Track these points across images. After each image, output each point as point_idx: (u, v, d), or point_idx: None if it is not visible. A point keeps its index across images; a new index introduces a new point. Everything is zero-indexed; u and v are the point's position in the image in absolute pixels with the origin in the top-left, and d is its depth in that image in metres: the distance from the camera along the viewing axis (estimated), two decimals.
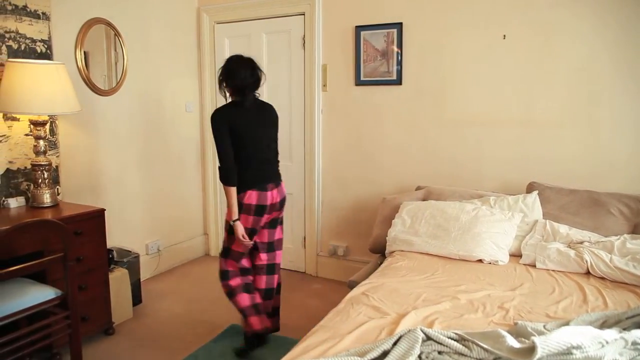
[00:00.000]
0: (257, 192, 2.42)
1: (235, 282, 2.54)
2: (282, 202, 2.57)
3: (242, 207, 2.43)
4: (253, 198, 2.41)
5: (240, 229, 2.42)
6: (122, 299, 2.93)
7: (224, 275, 2.55)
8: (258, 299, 2.57)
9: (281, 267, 2.74)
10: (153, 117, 3.63)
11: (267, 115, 2.57)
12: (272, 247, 2.61)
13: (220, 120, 2.39)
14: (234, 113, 2.42)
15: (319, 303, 3.23)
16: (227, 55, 3.94)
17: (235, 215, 2.43)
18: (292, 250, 3.90)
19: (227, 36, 3.94)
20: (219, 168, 2.41)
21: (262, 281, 2.60)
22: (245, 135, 2.41)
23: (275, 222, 2.60)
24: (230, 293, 2.54)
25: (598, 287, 2.10)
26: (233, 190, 2.40)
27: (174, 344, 2.70)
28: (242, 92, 2.41)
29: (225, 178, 2.39)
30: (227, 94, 2.47)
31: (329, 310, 1.90)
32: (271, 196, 2.46)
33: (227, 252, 2.55)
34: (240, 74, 2.38)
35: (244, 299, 2.52)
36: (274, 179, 2.52)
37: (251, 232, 2.47)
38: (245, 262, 2.57)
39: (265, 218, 2.49)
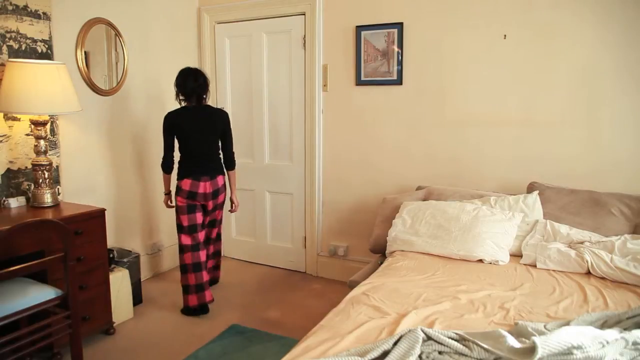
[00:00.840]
0: (191, 181, 2.97)
1: (187, 258, 3.03)
2: (215, 192, 3.06)
3: (180, 190, 3.00)
4: (187, 185, 2.97)
5: (164, 200, 3.23)
6: (122, 299, 2.93)
7: (180, 249, 3.06)
8: (205, 277, 3.05)
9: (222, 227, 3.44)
10: (153, 117, 3.62)
11: (211, 120, 3.01)
12: (213, 224, 3.24)
13: (167, 121, 2.98)
14: (180, 116, 2.96)
15: (319, 303, 3.23)
16: (227, 55, 4.01)
17: (166, 190, 3.19)
18: (293, 250, 3.90)
19: (228, 36, 3.94)
20: (162, 158, 3.06)
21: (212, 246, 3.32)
22: (186, 135, 2.96)
23: (216, 208, 3.15)
24: (184, 267, 3.04)
25: (599, 287, 2.09)
26: (167, 176, 3.13)
27: (174, 344, 2.70)
28: (189, 97, 2.96)
29: (163, 167, 3.08)
30: (181, 101, 3.02)
31: (329, 310, 1.90)
32: (203, 186, 2.99)
33: (178, 228, 3.07)
34: (186, 82, 2.93)
35: (191, 278, 3.02)
36: (209, 172, 3.01)
37: (188, 208, 3.01)
38: (198, 238, 3.05)
39: (199, 202, 3.02)
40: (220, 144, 3.11)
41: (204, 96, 3.01)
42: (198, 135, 2.96)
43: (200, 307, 3.02)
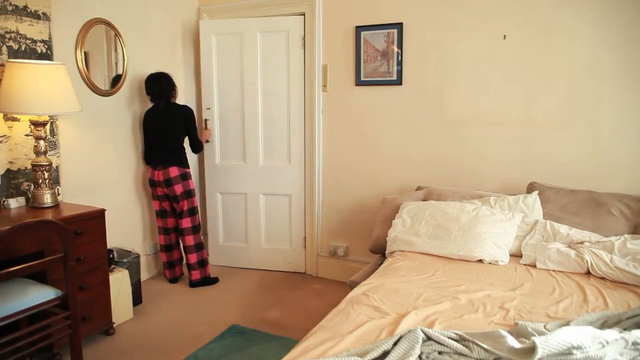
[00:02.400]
0: (150, 170, 3.47)
1: (161, 239, 3.58)
2: (167, 181, 3.37)
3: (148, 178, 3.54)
4: (149, 174, 3.48)
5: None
6: (122, 299, 2.93)
7: (158, 231, 3.62)
8: (175, 256, 3.62)
9: (196, 231, 3.54)
10: None
11: (169, 117, 3.39)
12: (180, 215, 3.48)
13: (142, 119, 3.51)
14: (146, 114, 3.46)
15: (319, 303, 3.23)
16: (228, 55, 3.94)
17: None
18: (292, 251, 3.88)
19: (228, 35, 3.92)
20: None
21: (181, 240, 3.59)
22: (148, 130, 3.45)
23: (176, 199, 3.43)
24: (160, 247, 3.60)
25: (598, 287, 2.10)
26: (147, 166, 3.56)
27: (174, 344, 2.70)
28: (152, 98, 3.40)
29: (143, 158, 3.59)
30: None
31: (329, 310, 1.90)
32: (157, 174, 3.40)
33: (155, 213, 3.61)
34: (148, 87, 3.39)
35: (163, 257, 3.60)
36: (163, 163, 3.39)
37: (156, 196, 3.49)
38: (167, 223, 3.54)
39: (159, 190, 3.44)
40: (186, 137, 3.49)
41: (169, 96, 3.40)
42: (157, 131, 3.40)
43: (174, 279, 3.62)
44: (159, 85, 3.35)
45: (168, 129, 3.39)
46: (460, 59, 3.10)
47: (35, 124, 2.60)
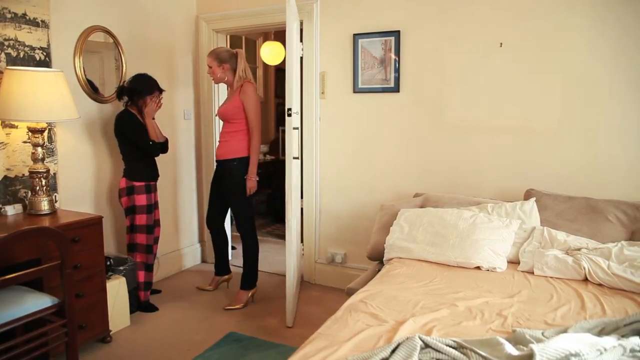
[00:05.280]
0: None
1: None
2: (119, 192, 3.17)
3: None
4: None
5: None
6: (119, 307, 2.92)
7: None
8: (140, 278, 3.25)
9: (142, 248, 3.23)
10: None
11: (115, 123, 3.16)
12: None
13: None
14: None
15: (317, 310, 3.22)
16: None
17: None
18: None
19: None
20: None
21: None
22: None
23: (125, 212, 3.19)
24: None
25: (596, 294, 2.10)
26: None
27: (172, 352, 2.69)
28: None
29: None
30: None
31: (327, 317, 1.90)
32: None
33: None
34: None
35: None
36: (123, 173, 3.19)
37: None
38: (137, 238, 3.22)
39: None
40: (127, 146, 3.15)
41: (131, 100, 3.12)
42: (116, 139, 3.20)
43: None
44: (127, 86, 3.13)
45: (115, 136, 3.17)
46: (457, 67, 3.12)
47: (33, 131, 2.60)
